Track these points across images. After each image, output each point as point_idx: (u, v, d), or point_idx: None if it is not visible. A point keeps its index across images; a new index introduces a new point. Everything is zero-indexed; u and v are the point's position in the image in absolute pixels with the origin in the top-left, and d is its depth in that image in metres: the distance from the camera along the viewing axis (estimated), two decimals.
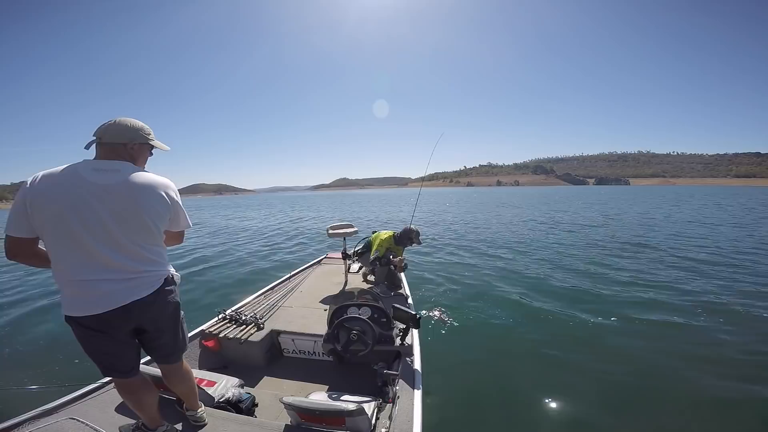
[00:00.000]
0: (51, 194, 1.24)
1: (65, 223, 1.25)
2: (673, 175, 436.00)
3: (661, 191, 68.09)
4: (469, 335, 3.77)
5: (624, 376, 2.98)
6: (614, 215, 17.65)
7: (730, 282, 5.49)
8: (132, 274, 1.36)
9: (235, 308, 3.08)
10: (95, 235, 1.28)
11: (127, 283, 1.34)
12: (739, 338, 3.57)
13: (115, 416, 1.77)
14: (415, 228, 3.93)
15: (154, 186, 1.40)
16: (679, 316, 4.14)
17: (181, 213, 1.50)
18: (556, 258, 7.51)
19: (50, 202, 1.24)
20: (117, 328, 1.36)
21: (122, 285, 1.33)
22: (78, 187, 1.26)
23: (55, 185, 1.26)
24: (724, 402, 2.65)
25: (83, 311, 1.29)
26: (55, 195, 1.24)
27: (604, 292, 5.07)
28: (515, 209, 22.68)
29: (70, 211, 1.25)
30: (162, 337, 1.52)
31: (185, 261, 8.24)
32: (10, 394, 2.62)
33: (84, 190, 1.27)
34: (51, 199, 1.24)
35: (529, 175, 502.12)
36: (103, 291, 1.29)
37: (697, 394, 2.75)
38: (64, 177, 1.28)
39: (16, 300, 5.43)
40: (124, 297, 1.32)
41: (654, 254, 7.73)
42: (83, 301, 1.29)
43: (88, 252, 1.28)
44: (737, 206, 22.20)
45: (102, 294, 1.29)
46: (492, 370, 3.15)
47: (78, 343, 1.37)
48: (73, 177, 1.28)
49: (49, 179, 1.26)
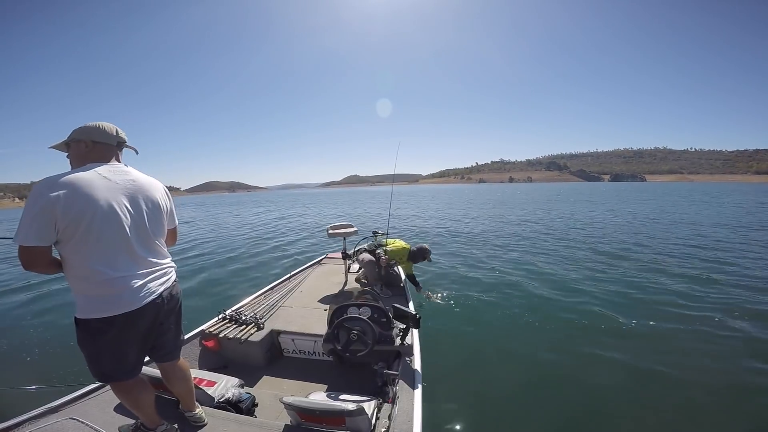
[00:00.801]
0: (88, 197, 1.24)
1: (107, 223, 1.28)
2: (690, 172, 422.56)
3: (679, 188, 66.24)
4: (469, 335, 3.77)
5: (630, 379, 2.96)
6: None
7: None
8: (159, 268, 1.47)
9: (235, 308, 3.09)
10: (133, 232, 1.36)
11: (158, 277, 1.45)
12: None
13: (115, 416, 1.78)
14: (428, 247, 4.26)
15: (157, 184, 1.52)
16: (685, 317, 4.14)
17: (174, 210, 1.63)
18: (558, 253, 7.51)
19: (88, 205, 1.24)
20: (143, 325, 1.40)
21: (154, 279, 1.43)
22: (110, 189, 1.31)
23: (88, 188, 1.25)
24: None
25: (120, 309, 1.30)
26: (93, 197, 1.25)
27: (612, 295, 5.06)
28: (521, 208, 22.65)
29: (111, 211, 1.29)
30: (170, 331, 1.57)
31: (184, 262, 8.24)
32: (10, 394, 2.62)
33: (116, 191, 1.33)
34: (89, 202, 1.24)
35: (542, 171, 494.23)
36: (138, 285, 1.36)
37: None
38: (92, 180, 1.28)
39: (16, 300, 5.43)
40: (156, 290, 1.42)
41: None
42: (120, 298, 1.31)
43: (128, 249, 1.35)
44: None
45: (137, 289, 1.35)
46: (492, 369, 3.15)
47: (84, 348, 1.35)
48: (100, 179, 1.31)
49: (77, 182, 1.24)
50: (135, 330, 1.38)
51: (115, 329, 1.32)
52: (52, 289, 5.84)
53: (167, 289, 1.48)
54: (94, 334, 1.32)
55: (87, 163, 1.36)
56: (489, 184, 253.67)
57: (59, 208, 1.19)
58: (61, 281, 6.12)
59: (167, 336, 1.57)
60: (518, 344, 3.58)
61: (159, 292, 1.43)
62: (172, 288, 1.53)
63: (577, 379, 2.93)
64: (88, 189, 1.25)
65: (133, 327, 1.36)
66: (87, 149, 1.39)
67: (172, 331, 1.59)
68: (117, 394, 1.53)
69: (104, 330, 1.31)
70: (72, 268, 1.28)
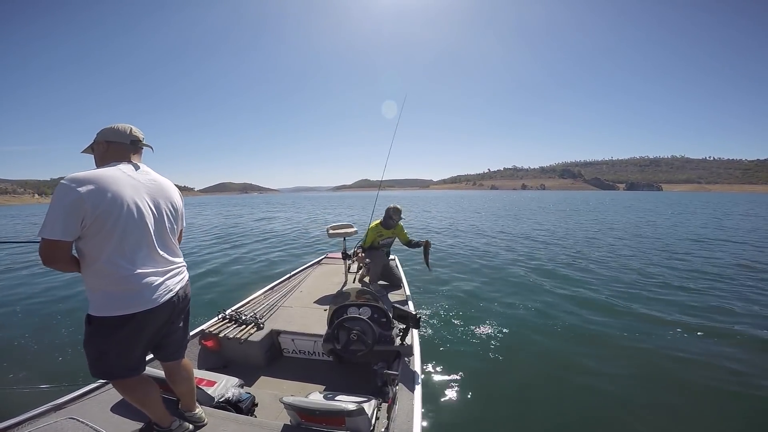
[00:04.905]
0: (115, 193, 1.26)
1: (132, 220, 1.30)
2: (708, 181, 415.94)
3: (697, 198, 63.47)
4: (469, 335, 3.77)
5: (641, 385, 2.93)
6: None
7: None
8: (176, 266, 1.51)
9: (235, 308, 3.09)
10: (155, 230, 1.40)
11: (175, 275, 1.49)
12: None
13: (114, 416, 1.77)
14: (393, 206, 4.02)
15: (173, 186, 1.57)
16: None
17: (184, 211, 1.65)
18: (560, 256, 7.52)
19: (116, 201, 1.26)
20: (156, 323, 1.42)
21: (171, 277, 1.46)
22: (134, 187, 1.35)
23: (115, 185, 1.28)
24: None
25: (140, 306, 1.32)
26: (121, 194, 1.28)
27: (621, 303, 5.07)
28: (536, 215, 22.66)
29: (136, 209, 1.32)
30: (179, 330, 1.60)
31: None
32: (9, 394, 2.62)
33: (140, 189, 1.37)
34: (116, 198, 1.26)
35: (555, 178, 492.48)
36: (157, 283, 1.38)
37: None
38: (118, 177, 1.31)
39: (16, 301, 5.42)
40: (173, 288, 1.45)
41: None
42: (140, 295, 1.33)
43: (149, 247, 1.38)
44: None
45: (156, 286, 1.38)
46: (492, 369, 3.14)
47: (93, 346, 1.34)
48: (125, 177, 1.34)
49: (105, 179, 1.26)
50: (149, 328, 1.40)
51: (130, 326, 1.33)
52: (51, 289, 5.84)
53: (182, 288, 1.52)
54: (109, 331, 1.32)
55: (108, 162, 1.40)
56: (500, 191, 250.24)
57: (89, 203, 1.20)
58: (57, 281, 6.13)
59: (176, 335, 1.59)
60: (519, 344, 3.58)
61: (176, 290, 1.46)
62: (186, 287, 1.57)
63: (578, 382, 2.92)
64: (115, 186, 1.27)
65: (148, 325, 1.38)
66: (104, 150, 1.43)
67: (181, 330, 1.62)
68: (122, 393, 1.52)
69: (119, 327, 1.31)
70: (93, 264, 1.28)
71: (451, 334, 3.78)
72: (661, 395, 2.75)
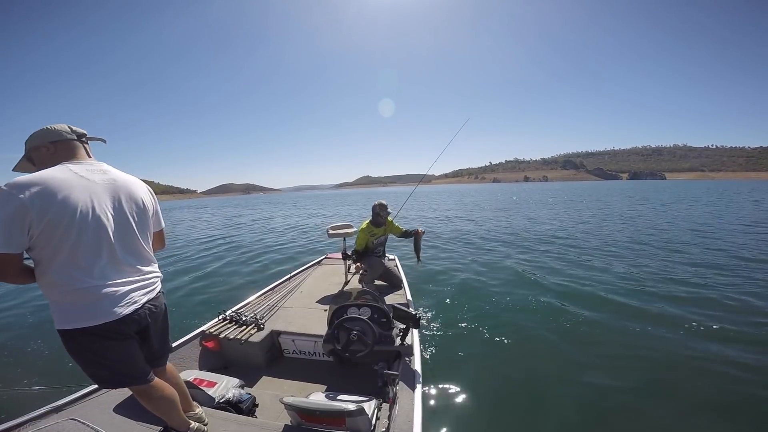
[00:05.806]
0: (65, 198, 1.14)
1: (86, 227, 1.18)
2: (712, 169, 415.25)
3: (701, 186, 63.11)
4: (469, 335, 3.77)
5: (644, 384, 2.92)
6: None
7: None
8: (143, 277, 1.38)
9: (236, 309, 3.10)
10: (116, 235, 1.27)
11: (142, 286, 1.36)
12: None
13: (116, 417, 1.78)
14: (378, 202, 4.03)
15: (140, 183, 1.42)
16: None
17: (159, 211, 1.54)
18: (563, 254, 7.50)
19: (66, 207, 1.14)
20: (122, 336, 1.31)
21: (137, 288, 1.34)
22: (89, 189, 1.21)
23: (65, 188, 1.15)
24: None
25: (97, 319, 1.21)
26: (71, 198, 1.15)
27: (621, 296, 5.06)
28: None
29: (91, 214, 1.19)
30: (153, 340, 1.48)
31: (186, 262, 8.25)
32: (11, 395, 2.62)
33: (96, 191, 1.23)
34: (66, 204, 1.14)
35: (557, 170, 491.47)
36: (119, 294, 1.26)
37: None
38: (68, 179, 1.18)
39: (16, 300, 5.43)
40: (139, 300, 1.33)
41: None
42: (96, 308, 1.21)
43: (110, 255, 1.25)
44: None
45: (117, 298, 1.26)
46: (493, 369, 3.14)
47: (73, 357, 1.29)
48: (77, 178, 1.20)
49: (52, 183, 1.13)
50: (123, 339, 1.30)
51: (96, 340, 1.24)
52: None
53: (150, 300, 1.38)
54: (79, 344, 1.24)
55: (57, 164, 1.24)
56: (502, 184, 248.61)
57: (34, 210, 1.08)
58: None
59: (151, 347, 1.48)
60: (519, 344, 3.58)
61: (142, 302, 1.33)
62: (157, 299, 1.43)
63: (580, 381, 2.92)
64: (65, 190, 1.14)
65: (111, 338, 1.27)
66: (50, 152, 1.27)
67: (156, 342, 1.50)
68: (146, 401, 1.45)
69: (87, 341, 1.23)
70: (45, 276, 1.18)
71: (452, 334, 3.78)
72: (670, 396, 2.73)
